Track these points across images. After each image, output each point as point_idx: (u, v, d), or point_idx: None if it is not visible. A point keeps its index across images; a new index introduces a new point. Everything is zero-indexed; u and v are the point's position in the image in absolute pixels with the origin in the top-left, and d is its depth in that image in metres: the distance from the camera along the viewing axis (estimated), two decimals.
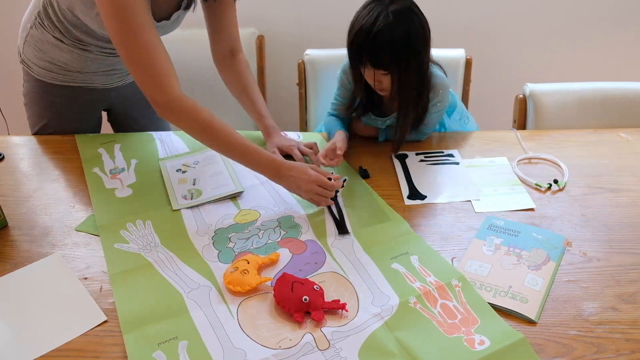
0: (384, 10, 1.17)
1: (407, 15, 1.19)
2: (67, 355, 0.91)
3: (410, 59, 1.21)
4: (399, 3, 1.20)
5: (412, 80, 1.24)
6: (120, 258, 1.11)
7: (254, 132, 1.56)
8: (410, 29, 1.19)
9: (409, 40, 1.19)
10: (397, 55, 1.19)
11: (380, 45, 1.18)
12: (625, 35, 2.20)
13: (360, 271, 1.06)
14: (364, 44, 1.20)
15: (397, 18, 1.17)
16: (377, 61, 1.22)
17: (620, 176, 1.33)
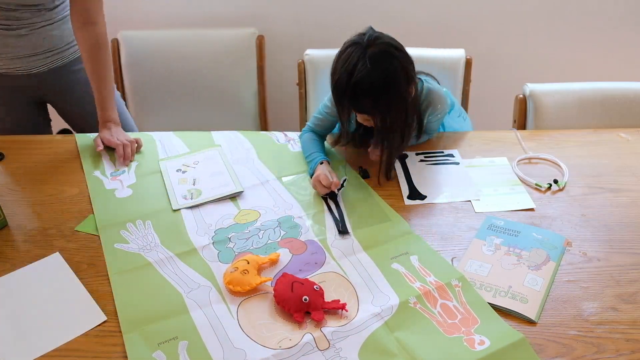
0: (361, 57, 1.14)
1: (385, 58, 1.15)
2: (67, 355, 0.91)
3: (392, 102, 1.19)
4: (377, 45, 1.16)
5: (397, 119, 1.22)
6: (120, 258, 1.11)
7: (254, 132, 1.56)
8: (389, 72, 1.15)
9: (389, 85, 1.16)
10: (378, 101, 1.18)
11: (361, 94, 1.16)
12: (625, 35, 2.19)
13: (360, 271, 1.06)
14: (344, 92, 1.18)
15: (375, 64, 1.14)
16: (359, 108, 1.21)
17: (620, 176, 1.33)
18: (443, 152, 1.44)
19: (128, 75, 2.03)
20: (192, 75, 2.04)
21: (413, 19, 2.16)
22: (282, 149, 1.47)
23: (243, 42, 2.02)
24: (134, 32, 2.02)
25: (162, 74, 2.03)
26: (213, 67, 2.03)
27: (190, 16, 2.17)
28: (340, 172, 1.36)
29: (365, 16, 2.15)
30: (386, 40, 1.19)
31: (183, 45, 2.02)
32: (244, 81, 2.06)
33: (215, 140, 1.51)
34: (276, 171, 1.37)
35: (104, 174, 1.38)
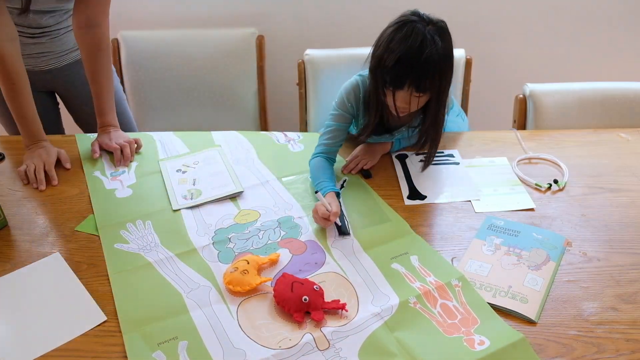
0: (426, 33, 1.13)
1: (447, 36, 1.17)
2: (67, 355, 0.91)
3: (450, 77, 1.20)
4: (436, 23, 1.16)
5: (445, 99, 1.24)
6: (120, 258, 1.11)
7: (254, 132, 1.56)
8: (451, 49, 1.17)
9: (450, 59, 1.18)
10: (442, 77, 1.17)
11: (429, 70, 1.13)
12: (625, 35, 2.20)
13: (360, 271, 1.06)
14: (410, 70, 1.13)
15: (443, 41, 1.14)
16: (421, 85, 1.16)
17: (620, 176, 1.33)
18: (443, 152, 1.44)
19: (128, 75, 2.03)
20: (192, 75, 2.04)
21: None
22: (282, 149, 1.47)
23: (243, 42, 2.02)
24: (134, 32, 2.02)
25: (162, 74, 2.03)
26: (213, 67, 2.03)
27: (190, 16, 2.17)
28: (340, 172, 1.36)
29: (365, 16, 2.15)
30: (440, 23, 1.19)
31: (183, 45, 2.02)
32: (244, 81, 2.06)
33: (215, 140, 1.51)
34: (276, 171, 1.37)
35: (104, 174, 1.39)
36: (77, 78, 1.61)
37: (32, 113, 1.40)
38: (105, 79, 1.47)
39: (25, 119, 1.39)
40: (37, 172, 1.35)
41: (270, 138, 1.52)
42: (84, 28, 1.42)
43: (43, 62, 1.55)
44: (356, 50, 1.75)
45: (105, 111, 1.49)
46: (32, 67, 1.54)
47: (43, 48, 1.52)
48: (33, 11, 1.40)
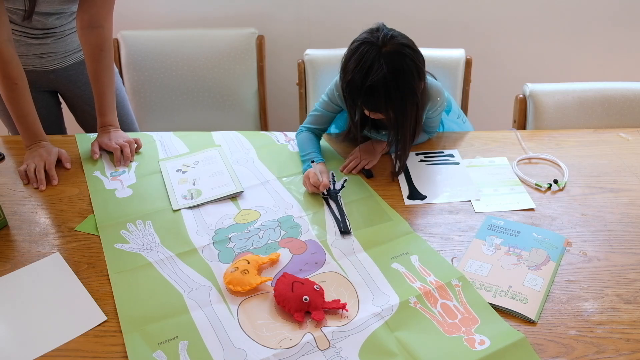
0: (377, 58, 1.15)
1: (400, 59, 1.16)
2: (67, 355, 0.91)
3: (406, 100, 1.20)
4: (391, 45, 1.16)
5: (409, 114, 1.23)
6: (120, 258, 1.11)
7: (254, 132, 1.56)
8: (405, 70, 1.16)
9: (404, 84, 1.17)
10: (392, 101, 1.19)
11: (376, 94, 1.17)
12: (625, 35, 2.20)
13: (361, 271, 1.06)
14: (358, 92, 1.18)
15: (391, 64, 1.14)
16: (373, 107, 1.21)
17: (620, 176, 1.33)
18: (443, 152, 1.44)
19: (128, 75, 2.03)
20: (192, 75, 2.04)
21: (413, 19, 2.16)
22: (282, 149, 1.47)
23: (243, 42, 2.02)
24: (134, 32, 2.02)
25: (162, 74, 2.03)
26: (213, 67, 2.04)
27: (190, 16, 2.17)
28: (341, 172, 1.36)
29: (365, 16, 2.15)
30: (399, 40, 1.18)
31: (183, 45, 2.02)
32: (244, 81, 2.06)
33: (215, 141, 1.51)
34: (276, 171, 1.37)
35: (104, 174, 1.39)
36: (80, 78, 1.62)
37: (33, 113, 1.40)
38: (107, 79, 1.47)
39: (25, 119, 1.39)
40: (37, 171, 1.35)
41: (270, 138, 1.52)
42: (87, 28, 1.42)
43: (47, 62, 1.55)
44: None
45: (106, 111, 1.49)
46: (36, 67, 1.54)
47: (47, 49, 1.52)
48: (38, 13, 1.40)
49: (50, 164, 1.37)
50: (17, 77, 1.34)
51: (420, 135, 1.45)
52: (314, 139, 1.42)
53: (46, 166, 1.37)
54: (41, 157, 1.38)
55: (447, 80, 1.75)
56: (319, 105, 1.43)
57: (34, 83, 1.58)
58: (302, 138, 1.43)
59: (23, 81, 1.36)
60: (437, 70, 1.74)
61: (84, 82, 1.61)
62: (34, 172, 1.35)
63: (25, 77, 1.37)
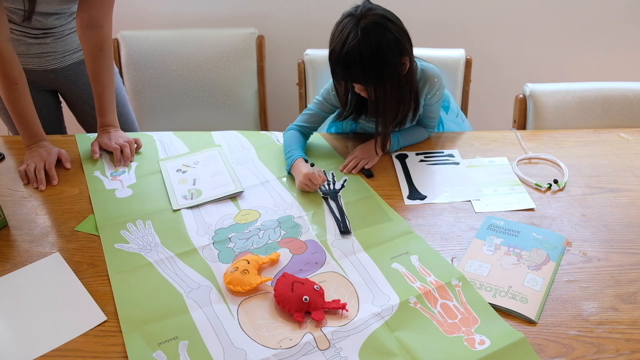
0: (354, 28, 1.18)
1: (377, 29, 1.18)
2: (66, 355, 0.91)
3: (383, 73, 1.22)
4: (370, 17, 1.19)
5: (390, 91, 1.25)
6: (120, 258, 1.11)
7: (254, 132, 1.56)
8: (379, 43, 1.18)
9: (378, 55, 1.19)
10: (368, 72, 1.21)
11: (352, 63, 1.20)
12: (625, 35, 2.20)
13: (361, 271, 1.06)
14: (337, 61, 1.22)
15: (366, 35, 1.17)
16: (351, 77, 1.25)
17: (620, 176, 1.33)
18: (443, 152, 1.44)
19: (128, 75, 2.03)
20: (192, 75, 2.04)
21: (413, 19, 2.15)
22: (282, 149, 1.47)
23: (243, 42, 2.02)
24: (134, 32, 2.02)
25: (162, 74, 2.03)
26: (213, 67, 2.04)
27: (190, 16, 2.17)
28: (341, 172, 1.36)
29: None
30: (379, 12, 1.21)
31: (183, 45, 2.02)
32: (244, 81, 2.06)
33: (215, 140, 1.51)
34: (276, 171, 1.37)
35: (104, 174, 1.39)
36: (80, 78, 1.62)
37: (33, 113, 1.40)
38: (107, 79, 1.47)
39: (25, 118, 1.39)
40: (37, 171, 1.35)
41: (270, 138, 1.52)
42: (86, 28, 1.42)
43: (47, 61, 1.55)
44: None
45: (106, 111, 1.49)
46: (36, 66, 1.54)
47: (47, 48, 1.52)
48: (38, 13, 1.40)
49: (50, 163, 1.37)
50: (16, 77, 1.34)
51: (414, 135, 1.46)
52: (300, 137, 1.43)
53: (46, 166, 1.36)
54: (41, 157, 1.38)
55: (447, 80, 1.75)
56: (312, 105, 1.44)
57: (33, 82, 1.58)
58: (288, 136, 1.44)
59: (23, 81, 1.36)
60: None
61: (84, 82, 1.61)
62: (34, 172, 1.35)
63: (24, 77, 1.37)
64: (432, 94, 1.37)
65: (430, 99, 1.39)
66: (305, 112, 1.46)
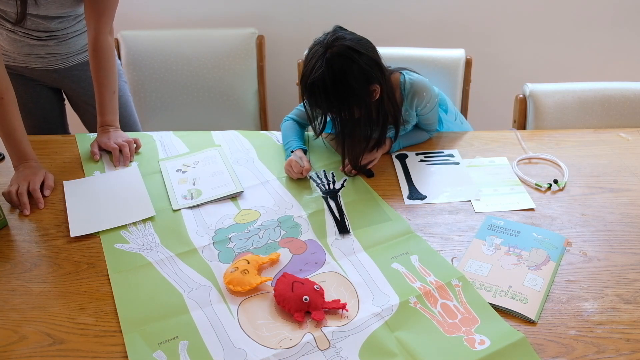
0: (320, 57, 1.19)
1: (341, 61, 1.18)
2: (67, 356, 0.91)
3: (345, 101, 1.22)
4: (336, 47, 1.19)
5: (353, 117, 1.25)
6: (120, 258, 1.11)
7: (254, 132, 1.56)
8: (343, 74, 1.19)
9: (343, 86, 1.20)
10: (331, 100, 1.22)
11: (316, 92, 1.22)
12: (625, 35, 2.20)
13: (361, 271, 1.06)
14: (304, 90, 1.25)
15: (330, 65, 1.18)
16: (316, 104, 1.27)
17: (620, 176, 1.33)
18: (443, 152, 1.44)
19: (128, 75, 2.03)
20: (192, 75, 2.04)
21: (413, 19, 2.16)
22: (282, 149, 1.47)
23: (243, 42, 2.02)
24: (134, 32, 2.02)
25: (162, 74, 2.03)
26: (213, 67, 2.04)
27: (190, 16, 2.17)
28: (339, 172, 1.36)
29: (365, 16, 2.15)
30: (347, 43, 1.20)
31: (183, 45, 2.02)
32: (244, 81, 2.06)
33: (215, 140, 1.52)
34: (276, 171, 1.37)
35: (104, 173, 1.38)
36: (84, 78, 1.62)
37: (20, 131, 1.33)
38: (109, 80, 1.46)
39: (12, 136, 1.32)
40: (20, 194, 1.25)
41: (270, 138, 1.52)
42: (89, 28, 1.43)
43: (50, 62, 1.55)
44: None
45: (107, 111, 1.48)
46: (39, 65, 1.55)
47: (50, 50, 1.52)
48: (39, 16, 1.41)
49: (34, 184, 1.28)
50: (2, 91, 1.28)
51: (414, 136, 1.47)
52: (297, 128, 1.46)
53: (30, 187, 1.27)
54: (26, 178, 1.29)
55: (447, 80, 1.75)
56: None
57: (37, 79, 1.60)
58: (286, 127, 1.46)
59: (9, 95, 1.29)
60: (437, 70, 1.74)
61: (88, 82, 1.61)
62: (15, 194, 1.25)
63: (12, 90, 1.30)
64: (423, 106, 1.37)
65: (422, 110, 1.39)
66: (300, 107, 1.47)
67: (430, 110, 1.40)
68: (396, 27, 2.18)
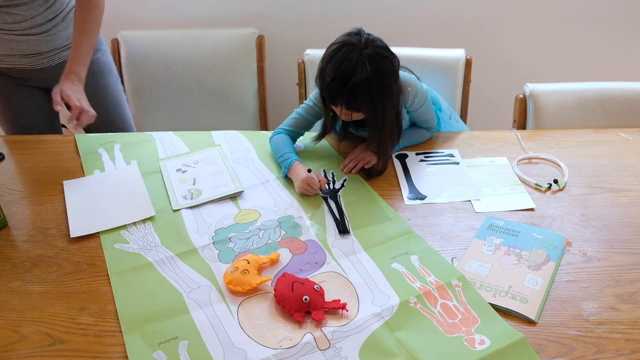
0: (360, 57, 1.18)
1: (381, 59, 1.21)
2: (67, 356, 0.91)
3: (385, 100, 1.24)
4: (372, 46, 1.20)
5: (388, 115, 1.27)
6: (120, 258, 1.11)
7: (254, 132, 1.56)
8: (384, 72, 1.21)
9: (384, 84, 1.21)
10: (374, 100, 1.22)
11: (359, 94, 1.21)
12: (625, 35, 2.20)
13: (361, 271, 1.06)
14: (341, 91, 1.21)
15: (374, 65, 1.19)
16: (355, 107, 1.24)
17: (620, 176, 1.33)
18: (443, 152, 1.44)
19: (128, 75, 2.03)
20: (192, 75, 2.04)
21: (413, 18, 2.16)
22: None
23: (243, 42, 2.02)
24: (134, 32, 2.02)
25: (162, 74, 2.03)
26: (213, 67, 2.03)
27: (190, 16, 2.17)
28: (340, 172, 1.36)
29: (365, 16, 2.15)
30: (379, 43, 1.23)
31: (183, 45, 2.02)
32: (244, 81, 2.06)
33: (215, 140, 1.51)
34: (276, 171, 1.37)
35: (104, 173, 1.38)
36: None
37: None
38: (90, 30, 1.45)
39: None
40: None
41: None
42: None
43: (36, 61, 1.54)
44: None
45: (78, 59, 1.45)
46: (26, 65, 1.54)
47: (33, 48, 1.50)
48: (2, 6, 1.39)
49: None
50: None
51: (414, 136, 1.47)
52: (289, 141, 1.42)
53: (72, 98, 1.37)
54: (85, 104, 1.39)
55: (447, 80, 1.75)
56: (302, 110, 1.43)
57: (27, 80, 1.59)
58: (279, 140, 1.42)
59: None
60: (437, 70, 1.74)
61: None
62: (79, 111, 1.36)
63: None
64: (411, 101, 1.36)
65: (412, 106, 1.38)
66: (293, 116, 1.44)
67: (421, 106, 1.39)
68: (396, 27, 2.18)
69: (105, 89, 1.66)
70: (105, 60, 1.67)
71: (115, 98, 1.68)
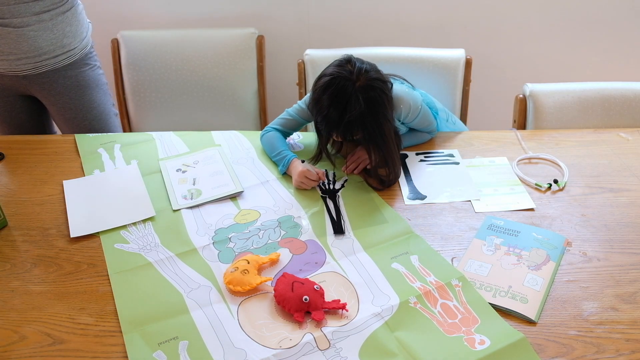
0: (353, 92, 1.18)
1: (373, 91, 1.20)
2: (67, 356, 0.91)
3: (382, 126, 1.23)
4: (364, 78, 1.20)
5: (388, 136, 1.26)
6: (120, 258, 1.11)
7: (254, 132, 1.56)
8: (378, 102, 1.21)
9: (378, 114, 1.21)
10: (369, 131, 1.22)
11: (354, 128, 1.21)
12: (625, 35, 2.20)
13: (361, 271, 1.06)
14: (336, 126, 1.22)
15: (367, 99, 1.19)
16: (350, 137, 1.25)
17: (620, 176, 1.33)
18: (443, 152, 1.44)
19: (128, 75, 2.03)
20: (192, 75, 2.04)
21: (413, 19, 2.16)
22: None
23: (243, 42, 2.02)
24: (134, 32, 2.02)
25: (162, 74, 2.03)
26: (213, 67, 2.03)
27: (190, 16, 2.17)
28: (340, 172, 1.36)
29: (365, 16, 2.15)
30: (371, 73, 1.22)
31: (183, 45, 2.02)
32: (244, 81, 2.06)
33: (215, 140, 1.51)
34: (276, 171, 1.37)
35: (104, 172, 1.38)
36: (55, 87, 1.57)
37: None
38: None
39: None
40: None
41: None
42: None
43: (17, 66, 1.50)
44: (356, 50, 1.75)
45: None
46: (7, 70, 1.51)
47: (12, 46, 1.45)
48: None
49: None
50: None
51: (414, 138, 1.47)
52: (283, 139, 1.43)
53: None
54: None
55: (447, 81, 1.75)
56: (293, 112, 1.43)
57: (9, 88, 1.55)
58: (270, 137, 1.42)
59: None
60: (436, 71, 1.74)
61: (59, 91, 1.57)
62: None
63: None
64: (404, 116, 1.36)
65: (406, 119, 1.37)
66: (284, 116, 1.44)
67: (415, 117, 1.38)
68: (396, 27, 2.18)
69: (90, 104, 1.63)
70: (93, 75, 1.63)
71: (101, 113, 1.66)
